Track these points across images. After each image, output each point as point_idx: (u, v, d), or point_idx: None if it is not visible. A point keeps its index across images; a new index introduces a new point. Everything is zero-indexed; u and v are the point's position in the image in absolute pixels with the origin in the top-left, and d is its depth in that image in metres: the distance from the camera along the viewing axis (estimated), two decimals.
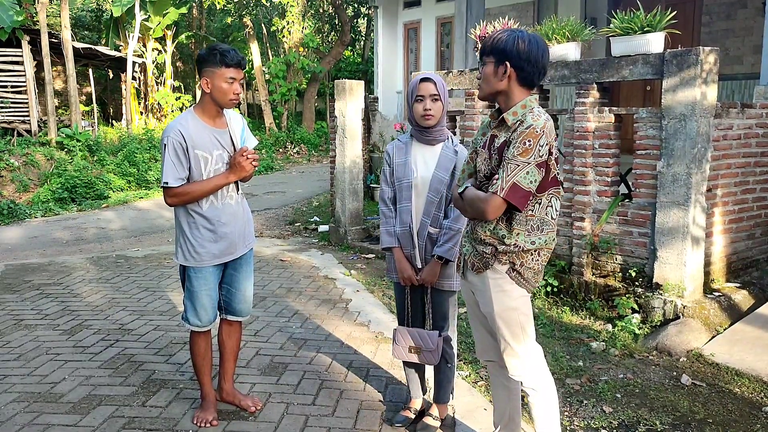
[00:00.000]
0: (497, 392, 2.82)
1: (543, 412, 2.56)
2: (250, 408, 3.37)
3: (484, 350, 2.76)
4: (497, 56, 2.40)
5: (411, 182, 3.04)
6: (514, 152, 2.32)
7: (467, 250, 2.59)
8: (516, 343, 2.51)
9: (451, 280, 3.08)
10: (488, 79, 2.45)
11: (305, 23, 22.10)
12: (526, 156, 2.30)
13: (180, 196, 3.03)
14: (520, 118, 2.38)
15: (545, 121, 2.35)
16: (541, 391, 2.55)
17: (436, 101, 2.95)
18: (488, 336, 2.68)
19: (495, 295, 2.47)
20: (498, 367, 2.73)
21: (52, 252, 7.85)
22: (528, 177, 2.31)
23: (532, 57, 2.37)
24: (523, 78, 2.40)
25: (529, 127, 2.32)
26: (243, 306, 3.35)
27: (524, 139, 2.31)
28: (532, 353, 2.54)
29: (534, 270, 2.47)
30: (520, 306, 2.49)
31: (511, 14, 8.95)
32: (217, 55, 2.98)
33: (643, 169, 4.72)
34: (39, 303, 5.36)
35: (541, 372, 2.56)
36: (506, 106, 2.45)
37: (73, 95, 15.97)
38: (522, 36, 2.39)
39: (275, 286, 5.81)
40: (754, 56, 8.21)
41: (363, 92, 7.74)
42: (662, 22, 4.62)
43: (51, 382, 3.74)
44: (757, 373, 3.75)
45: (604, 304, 4.83)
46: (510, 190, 2.30)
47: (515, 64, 2.37)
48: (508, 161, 2.32)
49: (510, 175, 2.30)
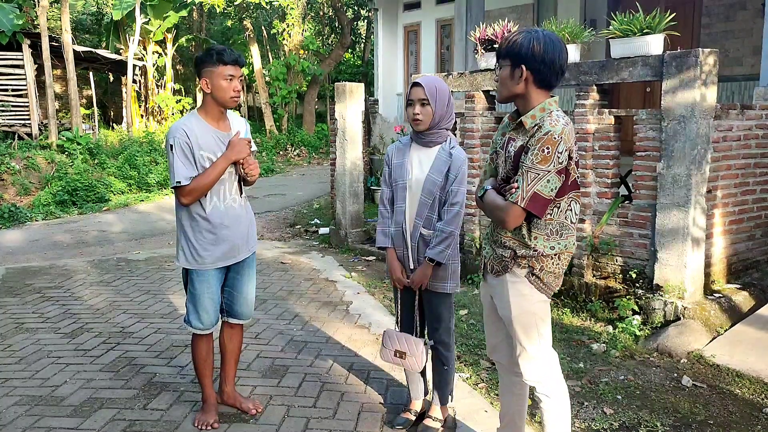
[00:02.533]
0: (503, 393, 2.81)
1: (555, 420, 2.53)
2: (251, 411, 3.38)
3: (495, 350, 2.75)
4: (513, 59, 2.35)
5: (405, 183, 3.06)
6: (533, 160, 2.27)
7: (487, 252, 2.56)
8: (532, 347, 2.49)
9: (445, 282, 3.08)
10: (505, 82, 2.41)
11: (305, 26, 22.15)
12: (546, 164, 2.26)
13: (193, 192, 3.02)
14: (538, 122, 2.33)
15: (563, 126, 2.29)
16: (554, 397, 2.52)
17: (425, 105, 2.96)
18: (502, 338, 2.67)
19: (513, 298, 2.45)
20: (506, 369, 2.73)
21: (53, 255, 7.86)
22: (548, 185, 2.27)
23: (548, 58, 2.31)
24: (540, 80, 2.35)
25: (547, 134, 2.27)
26: (245, 309, 3.35)
27: (543, 146, 2.26)
28: (547, 359, 2.52)
29: (554, 274, 2.44)
30: (538, 311, 2.47)
31: (510, 16, 8.97)
32: (214, 55, 3.00)
33: (643, 170, 4.72)
34: (40, 306, 5.36)
35: (555, 378, 2.53)
36: (524, 109, 2.40)
37: (74, 98, 15.99)
38: (537, 37, 2.32)
39: (276, 289, 5.82)
40: (754, 57, 8.22)
41: (363, 95, 7.75)
42: (662, 24, 4.63)
43: (52, 386, 3.74)
44: (758, 375, 3.75)
45: (605, 306, 4.83)
46: (530, 200, 2.27)
47: (531, 66, 2.32)
48: (528, 169, 2.28)
49: (530, 184, 2.27)
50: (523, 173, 2.29)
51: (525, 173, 2.29)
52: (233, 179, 3.17)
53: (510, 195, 2.32)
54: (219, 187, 3.11)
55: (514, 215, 2.31)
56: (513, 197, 2.30)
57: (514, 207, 2.29)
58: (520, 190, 2.28)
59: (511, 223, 2.33)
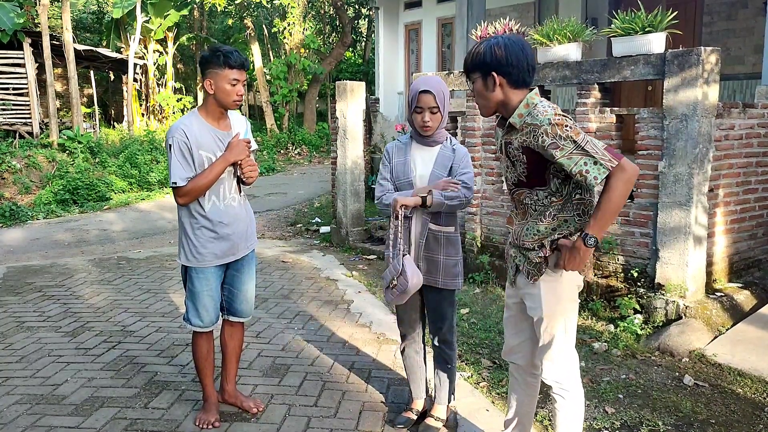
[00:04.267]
0: (514, 394, 2.80)
1: (568, 421, 2.53)
2: (252, 409, 3.38)
3: (513, 352, 2.73)
4: (482, 70, 2.40)
5: (410, 180, 3.05)
6: (570, 143, 2.23)
7: (520, 261, 2.54)
8: (557, 346, 2.49)
9: (456, 279, 3.08)
10: (482, 94, 2.44)
11: (306, 24, 22.13)
12: (577, 135, 2.23)
13: (190, 193, 3.02)
14: (526, 119, 2.34)
15: (553, 109, 2.31)
16: (570, 398, 2.52)
17: (435, 113, 2.96)
18: (524, 339, 2.66)
19: (546, 297, 2.45)
20: (522, 371, 2.72)
21: (53, 254, 7.86)
22: (596, 144, 2.25)
23: (513, 59, 2.34)
24: (514, 81, 2.37)
25: (549, 123, 2.26)
26: (245, 307, 3.35)
27: (560, 132, 2.24)
28: (569, 358, 2.53)
29: None
30: (568, 310, 2.48)
31: (511, 15, 8.96)
32: (221, 57, 2.98)
33: (644, 169, 4.71)
34: (41, 305, 5.36)
35: (574, 379, 2.53)
36: (508, 113, 2.42)
37: (75, 97, 15.99)
38: (497, 42, 2.37)
39: (277, 288, 5.82)
40: (756, 56, 8.21)
41: (364, 93, 7.75)
42: (663, 23, 4.62)
43: (53, 384, 3.74)
44: (759, 374, 3.74)
45: (606, 305, 4.83)
46: (612, 155, 2.22)
47: (501, 70, 2.36)
48: (576, 151, 2.22)
49: (594, 152, 2.22)
50: (581, 155, 2.23)
51: (582, 153, 2.23)
52: (232, 178, 3.17)
53: (597, 178, 2.23)
54: (218, 186, 3.11)
55: (624, 179, 2.22)
56: (601, 173, 2.22)
57: (616, 170, 2.22)
58: (599, 164, 2.21)
59: (630, 180, 2.23)
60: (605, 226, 2.31)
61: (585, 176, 2.24)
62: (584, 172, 2.23)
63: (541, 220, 2.42)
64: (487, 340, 4.42)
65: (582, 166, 2.23)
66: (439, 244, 3.05)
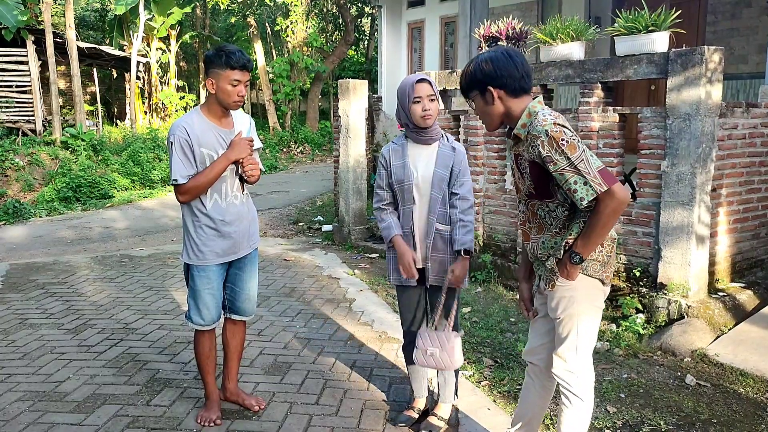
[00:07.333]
0: (527, 396, 2.79)
1: (575, 422, 2.54)
2: (253, 407, 3.38)
3: (534, 353, 2.73)
4: (478, 86, 2.41)
5: (412, 183, 3.03)
6: (564, 160, 2.23)
7: (541, 272, 2.55)
8: (569, 344, 2.49)
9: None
10: (484, 110, 2.45)
11: (309, 23, 22.12)
12: (575, 150, 2.23)
13: (191, 191, 3.03)
14: (528, 129, 2.33)
15: (552, 119, 2.29)
16: (579, 402, 2.52)
17: (433, 101, 2.97)
18: (546, 341, 2.66)
19: (563, 300, 2.46)
20: (539, 372, 2.72)
21: (56, 251, 7.88)
22: (595, 160, 2.25)
23: (503, 70, 2.35)
24: (512, 91, 2.37)
25: (547, 134, 2.25)
26: (247, 305, 3.36)
27: (558, 144, 2.24)
28: (586, 361, 2.53)
29: (600, 262, 2.43)
30: (584, 312, 2.47)
31: (515, 13, 8.95)
32: (223, 57, 2.97)
33: (647, 168, 4.71)
34: (44, 302, 5.38)
35: (588, 383, 2.54)
36: (513, 123, 2.42)
37: (78, 95, 16.00)
38: (483, 59, 2.39)
39: (279, 286, 5.82)
40: (759, 55, 8.19)
41: (366, 92, 7.74)
42: (667, 22, 4.61)
43: (55, 381, 3.75)
44: (761, 374, 3.74)
45: (608, 304, 4.82)
46: (604, 178, 2.22)
47: (496, 83, 2.36)
48: (570, 167, 2.23)
49: (588, 171, 2.22)
50: (572, 173, 2.24)
51: (574, 172, 2.23)
52: (235, 176, 3.17)
53: (584, 199, 2.23)
54: (220, 184, 3.11)
55: (616, 200, 2.21)
56: (589, 195, 2.22)
57: (605, 195, 2.21)
58: (588, 185, 2.22)
59: (622, 203, 2.23)
60: (591, 248, 2.33)
61: (572, 195, 2.27)
62: (572, 191, 2.26)
63: (556, 233, 2.43)
64: (488, 339, 4.42)
65: (572, 185, 2.25)
66: (446, 244, 3.04)
